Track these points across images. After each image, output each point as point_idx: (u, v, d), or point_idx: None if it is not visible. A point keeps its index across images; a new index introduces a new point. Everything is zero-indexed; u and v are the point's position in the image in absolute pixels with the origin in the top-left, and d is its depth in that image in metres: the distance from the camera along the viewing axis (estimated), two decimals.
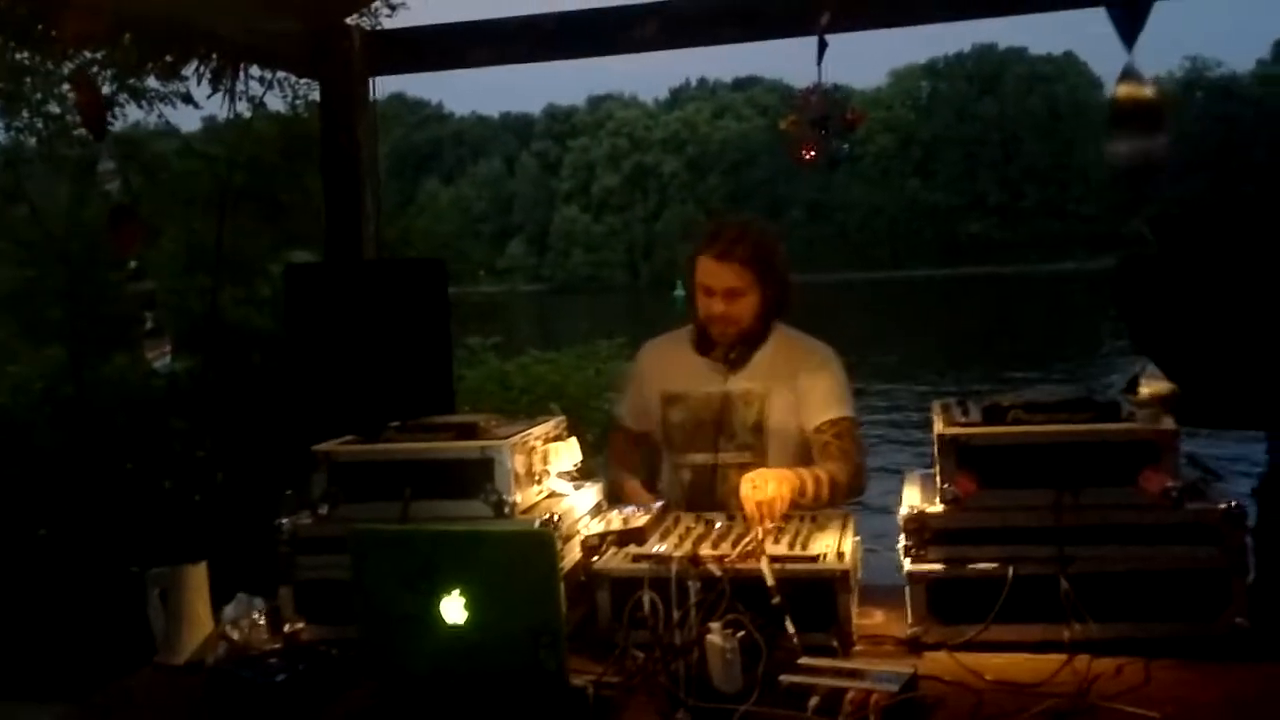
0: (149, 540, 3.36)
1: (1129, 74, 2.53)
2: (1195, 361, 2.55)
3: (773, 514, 2.50)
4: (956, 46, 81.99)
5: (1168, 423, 2.20)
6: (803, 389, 2.93)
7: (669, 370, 3.04)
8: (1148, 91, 2.50)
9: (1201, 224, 2.63)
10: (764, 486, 2.52)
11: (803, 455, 2.91)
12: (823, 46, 4.02)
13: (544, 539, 1.96)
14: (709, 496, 2.89)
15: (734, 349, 2.93)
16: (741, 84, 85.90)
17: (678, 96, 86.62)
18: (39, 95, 5.15)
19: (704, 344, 2.98)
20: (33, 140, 5.56)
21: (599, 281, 73.22)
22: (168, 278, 5.46)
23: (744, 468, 2.81)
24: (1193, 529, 2.15)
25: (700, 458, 2.93)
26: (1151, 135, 2.50)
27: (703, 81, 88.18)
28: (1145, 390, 2.34)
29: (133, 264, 3.26)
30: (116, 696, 2.27)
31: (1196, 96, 73.21)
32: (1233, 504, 2.15)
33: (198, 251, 5.52)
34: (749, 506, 2.51)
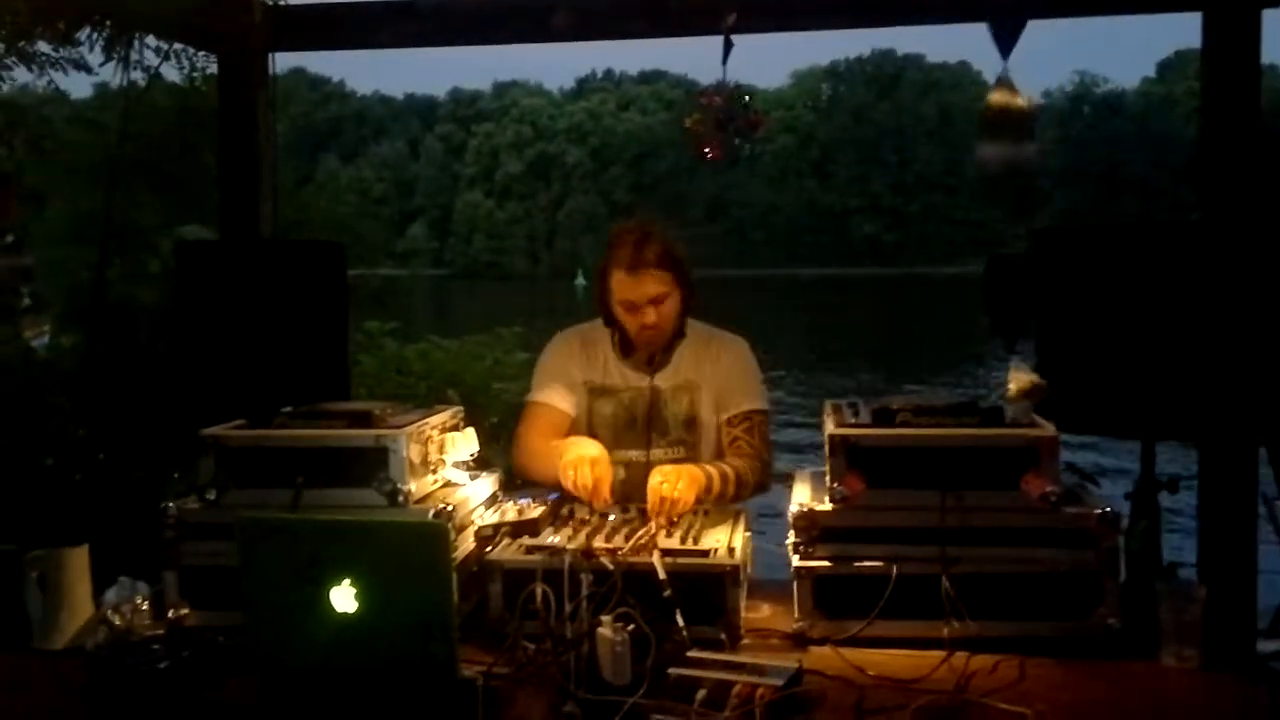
0: (26, 520, 3.24)
1: (1003, 83, 2.62)
2: (1068, 367, 2.65)
3: (673, 513, 2.52)
4: (857, 50, 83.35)
5: (1049, 428, 2.29)
6: (719, 380, 2.96)
7: (593, 363, 3.02)
8: (1019, 101, 2.60)
9: (1082, 237, 2.73)
10: (673, 484, 2.54)
11: (719, 444, 2.95)
12: (728, 46, 4.08)
13: (436, 530, 1.96)
14: (641, 493, 2.86)
15: (657, 350, 2.95)
16: (647, 77, 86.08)
17: (583, 86, 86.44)
18: None
19: (626, 348, 2.99)
20: None
21: (500, 268, 72.71)
22: (50, 249, 5.28)
23: (678, 464, 2.82)
24: (1069, 532, 2.24)
25: (633, 454, 2.90)
26: (1020, 142, 2.60)
27: (609, 73, 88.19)
28: (1012, 385, 2.43)
29: (9, 237, 3.14)
30: None
31: (1084, 111, 75.72)
32: (1107, 509, 2.24)
33: (85, 223, 5.33)
34: (653, 498, 2.52)
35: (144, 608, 2.25)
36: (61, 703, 2.05)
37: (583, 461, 2.61)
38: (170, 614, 2.32)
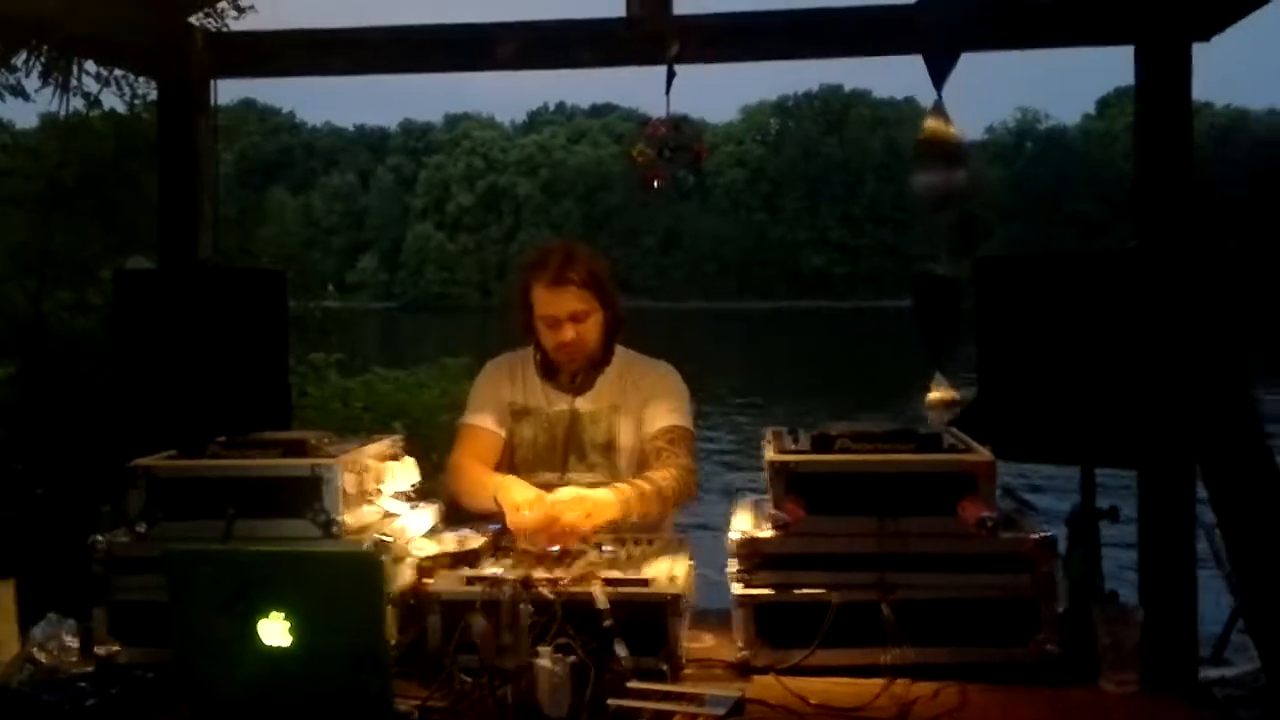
0: None
1: (936, 112, 2.66)
2: (1008, 394, 2.68)
3: (557, 539, 2.48)
4: (805, 86, 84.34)
5: (985, 454, 2.30)
6: (645, 399, 2.94)
7: (517, 385, 3.01)
8: (951, 130, 2.64)
9: (1020, 265, 2.76)
10: (572, 508, 2.50)
11: (642, 463, 2.92)
12: (671, 76, 4.11)
13: (369, 560, 1.93)
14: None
15: (579, 373, 2.94)
16: (598, 110, 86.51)
17: (534, 119, 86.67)
18: None
19: (548, 369, 2.98)
20: None
21: (451, 300, 72.42)
22: None
23: (593, 487, 2.80)
24: (1006, 558, 2.24)
25: (549, 476, 2.88)
26: (952, 169, 2.64)
27: (560, 106, 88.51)
28: (933, 393, 2.46)
29: None
30: None
31: (1026, 146, 77.08)
32: (1043, 534, 2.25)
33: (24, 253, 5.24)
34: (544, 512, 2.49)
35: (72, 644, 2.20)
36: None
37: (538, 503, 2.56)
38: (99, 651, 2.26)
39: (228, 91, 4.22)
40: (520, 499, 2.60)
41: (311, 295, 8.05)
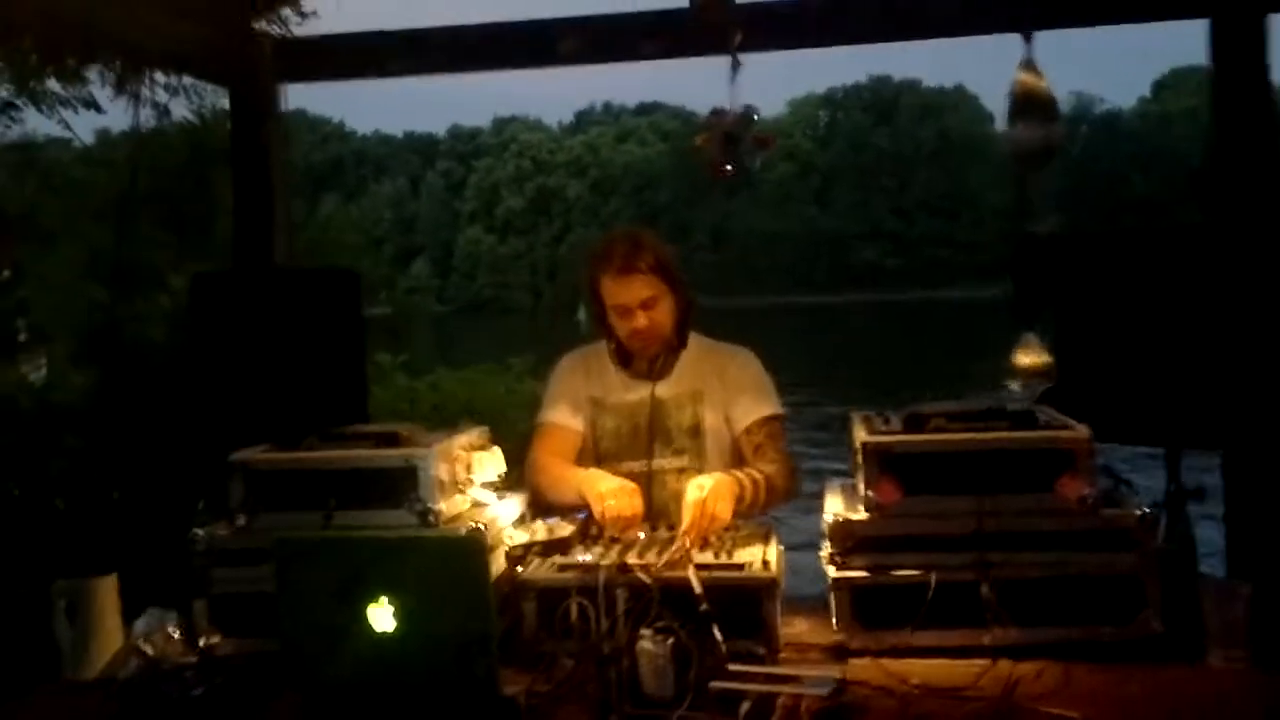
0: (51, 553, 3.21)
1: (1028, 65, 2.62)
2: (1090, 376, 2.64)
3: (714, 528, 2.48)
4: (853, 77, 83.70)
5: (1082, 430, 2.27)
6: (730, 389, 2.93)
7: (594, 378, 3.01)
8: (1043, 83, 2.60)
9: (1100, 244, 2.72)
10: (713, 499, 2.49)
11: (736, 457, 2.91)
12: (736, 66, 4.09)
13: (475, 544, 1.93)
14: (645, 505, 2.83)
15: (657, 359, 2.93)
16: (645, 109, 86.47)
17: (581, 120, 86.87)
18: None
19: (624, 358, 2.98)
20: None
21: (502, 303, 72.78)
22: (57, 290, 5.27)
23: (682, 473, 2.81)
24: (1108, 535, 2.21)
25: (635, 465, 2.87)
26: (1046, 124, 2.59)
27: (607, 106, 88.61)
28: (1023, 360, 2.42)
29: (5, 273, 3.13)
30: (23, 713, 2.17)
31: (1082, 131, 75.96)
32: (1147, 510, 2.22)
33: (96, 262, 5.33)
34: (693, 512, 2.47)
35: (175, 636, 2.22)
36: None
37: (621, 493, 2.59)
38: (202, 642, 2.29)
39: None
40: (605, 489, 2.61)
41: (367, 303, 8.10)
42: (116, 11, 3.76)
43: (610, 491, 2.58)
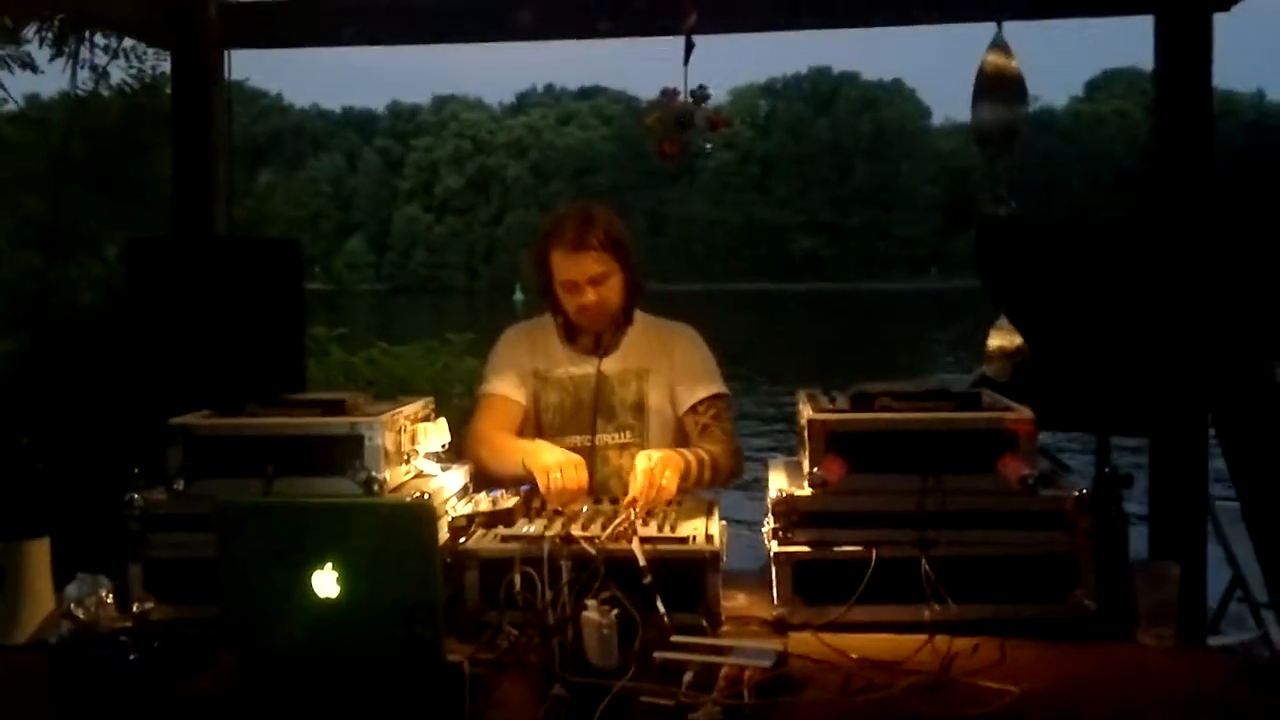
0: None
1: (998, 45, 2.64)
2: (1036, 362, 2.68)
3: (660, 499, 2.50)
4: (794, 68, 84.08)
5: (1025, 412, 2.31)
6: (676, 368, 2.94)
7: (538, 352, 3.00)
8: (1013, 63, 2.62)
9: (1033, 232, 2.77)
10: (661, 471, 2.51)
11: (679, 435, 2.92)
12: (689, 46, 4.08)
13: (422, 511, 1.92)
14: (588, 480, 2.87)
15: (603, 335, 2.93)
16: (587, 93, 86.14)
17: (523, 101, 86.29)
18: None
19: (570, 333, 2.97)
20: None
21: (439, 283, 72.15)
22: None
23: (624, 449, 2.82)
24: (1045, 515, 2.25)
25: (577, 439, 2.87)
26: (1014, 105, 2.62)
27: (549, 88, 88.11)
28: (993, 340, 2.44)
29: None
30: None
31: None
32: (1082, 491, 2.26)
33: (30, 229, 5.19)
34: (642, 481, 2.48)
35: (108, 601, 2.18)
36: (26, 697, 1.98)
37: (566, 465, 2.58)
38: (135, 607, 2.25)
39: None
40: (551, 461, 2.60)
41: (305, 278, 7.99)
42: None
43: (556, 464, 2.58)
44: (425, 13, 4.16)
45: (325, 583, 1.84)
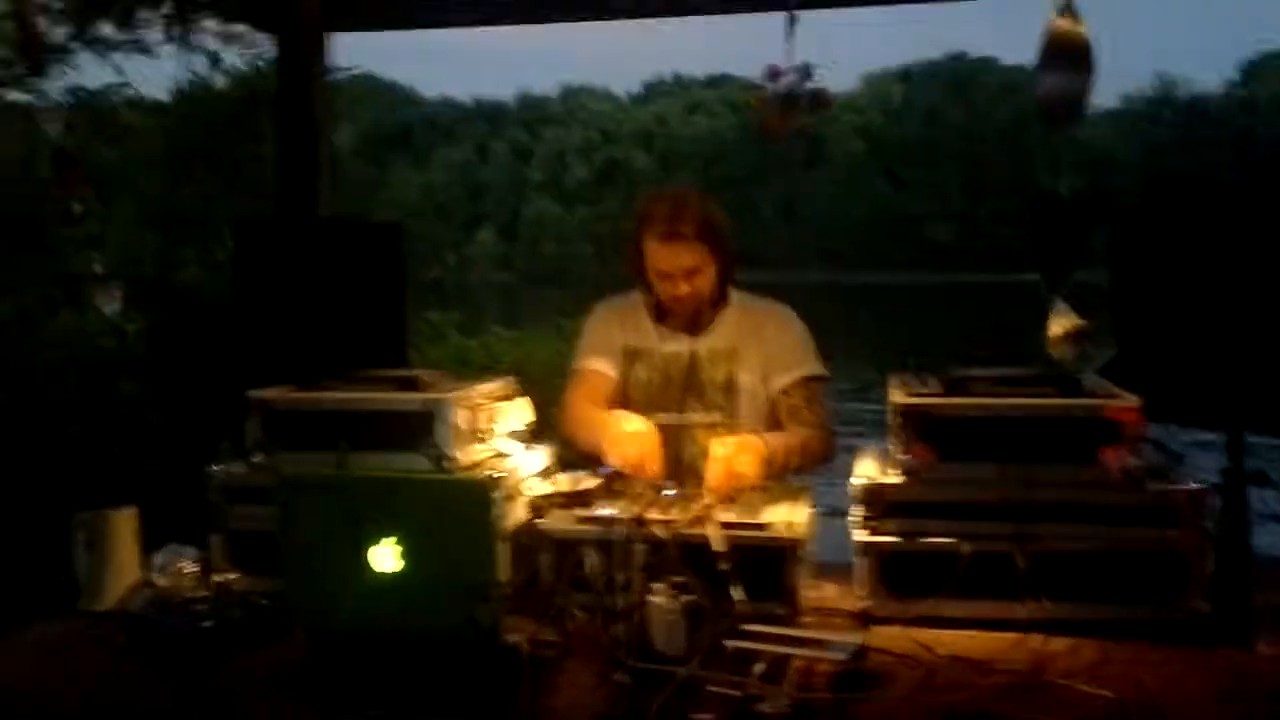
0: (78, 487, 3.24)
1: (1067, 11, 2.46)
2: (1147, 353, 2.51)
3: (738, 486, 2.41)
4: (929, 53, 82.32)
5: (1130, 399, 2.15)
6: (768, 348, 2.85)
7: (629, 328, 2.94)
8: (1081, 29, 2.44)
9: (1163, 198, 2.57)
10: (739, 459, 2.42)
11: (772, 417, 2.82)
12: (793, 22, 3.97)
13: (481, 488, 1.88)
14: (674, 459, 2.74)
15: (697, 314, 2.86)
16: (715, 81, 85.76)
17: (650, 91, 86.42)
18: None
19: (661, 312, 2.91)
20: None
21: (568, 273, 72.82)
22: (116, 235, 5.31)
23: (713, 428, 2.73)
24: (1154, 510, 2.10)
25: (665, 418, 2.78)
26: (1079, 74, 2.44)
27: (676, 77, 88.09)
28: (1054, 327, 2.29)
29: (77, 208, 3.14)
30: (32, 640, 2.16)
31: (1165, 115, 73.94)
32: (1196, 486, 2.10)
33: (150, 210, 5.36)
34: (716, 469, 2.40)
35: (189, 571, 2.21)
36: (104, 664, 2.00)
37: (631, 438, 2.52)
38: (216, 578, 2.27)
39: (343, 58, 4.23)
40: (619, 432, 2.53)
41: (434, 267, 8.12)
42: None
43: (622, 436, 2.51)
44: None
45: (385, 558, 1.81)
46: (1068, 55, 2.42)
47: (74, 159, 3.04)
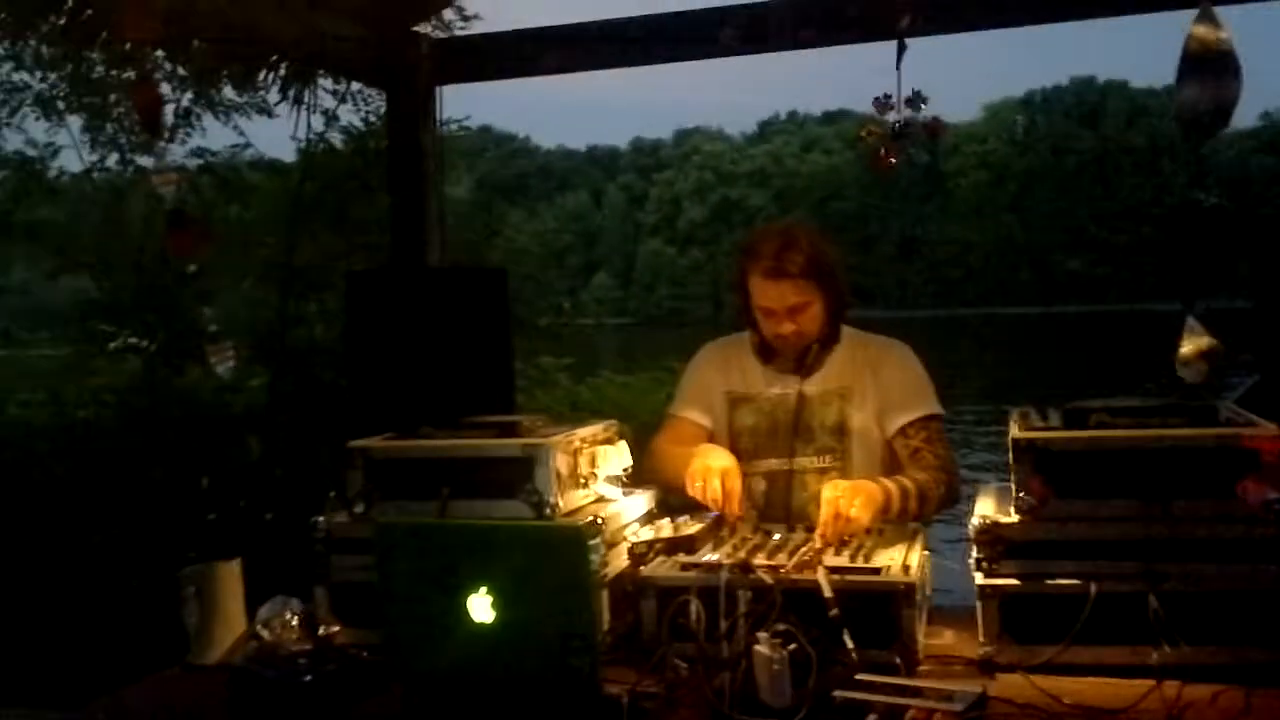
0: (204, 544, 3.32)
1: (1205, 16, 2.33)
2: None
3: (849, 530, 2.32)
4: (1054, 79, 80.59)
5: (1270, 428, 2.00)
6: (884, 387, 2.74)
7: (733, 372, 2.86)
8: (1223, 35, 2.30)
9: None
10: (849, 500, 2.33)
11: (888, 458, 2.72)
12: (902, 49, 3.88)
13: (577, 535, 1.83)
14: (784, 506, 2.69)
15: (806, 353, 2.77)
16: (831, 117, 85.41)
17: (765, 130, 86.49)
18: (120, 108, 5.22)
19: (767, 353, 2.83)
20: (115, 156, 5.64)
21: (683, 315, 72.89)
22: (235, 295, 5.50)
23: (824, 473, 2.64)
24: None
25: (775, 463, 2.73)
26: (1222, 81, 2.30)
27: (792, 115, 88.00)
28: (1186, 346, 2.14)
29: (192, 267, 3.22)
30: (142, 694, 2.19)
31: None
32: None
33: (273, 268, 5.53)
34: (827, 511, 2.32)
35: (294, 623, 2.20)
36: (208, 716, 2.01)
37: (711, 471, 2.46)
38: (321, 630, 2.26)
39: (460, 112, 4.30)
40: (697, 467, 2.48)
41: (550, 313, 8.19)
42: (279, 14, 3.86)
43: (702, 468, 2.47)
44: (622, 35, 4.13)
45: (482, 607, 1.78)
46: (1209, 62, 2.28)
47: (189, 219, 3.11)
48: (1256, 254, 2.35)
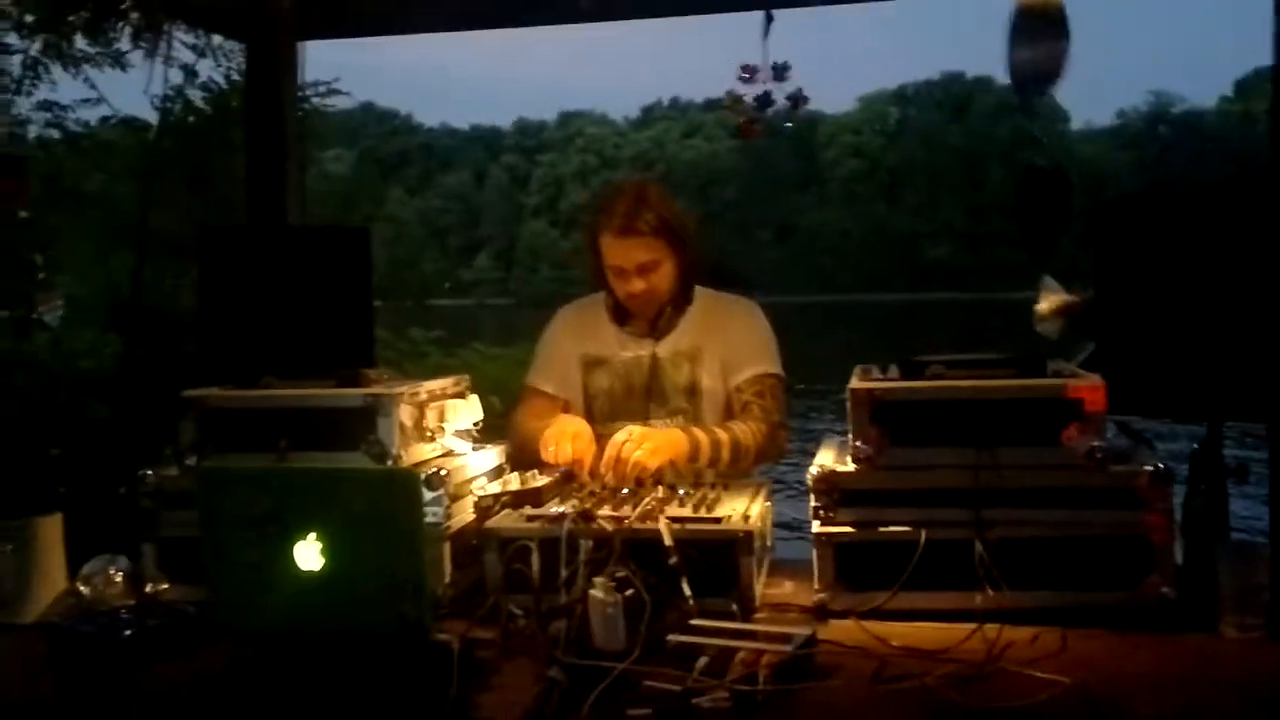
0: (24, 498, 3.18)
1: None
2: (1127, 347, 2.44)
3: (632, 474, 2.36)
4: (925, 74, 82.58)
5: (1093, 378, 2.07)
6: (729, 345, 2.78)
7: (588, 336, 2.87)
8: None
9: (1141, 205, 2.51)
10: (636, 444, 2.38)
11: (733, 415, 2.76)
12: (768, 20, 3.93)
13: (407, 481, 1.80)
14: None
15: (659, 317, 2.79)
16: (713, 104, 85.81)
17: (648, 115, 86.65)
18: None
19: (621, 315, 2.84)
20: None
21: (565, 297, 72.42)
22: (86, 256, 5.27)
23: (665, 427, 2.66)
24: (1116, 493, 2.02)
25: (629, 426, 2.73)
26: (1054, 42, 2.38)
27: (674, 101, 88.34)
28: (1043, 303, 2.22)
29: (23, 214, 3.07)
30: None
31: (1160, 131, 74.05)
32: (1159, 466, 2.02)
33: (123, 224, 5.30)
34: (609, 453, 2.37)
35: (118, 579, 2.13)
36: (22, 675, 1.92)
37: (563, 436, 2.47)
38: (148, 588, 2.19)
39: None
40: (549, 433, 2.50)
41: (433, 295, 8.06)
42: None
43: (555, 434, 2.48)
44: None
45: (308, 555, 1.73)
46: (1040, 22, 2.35)
47: (20, 165, 2.97)
48: (1099, 243, 2.44)
